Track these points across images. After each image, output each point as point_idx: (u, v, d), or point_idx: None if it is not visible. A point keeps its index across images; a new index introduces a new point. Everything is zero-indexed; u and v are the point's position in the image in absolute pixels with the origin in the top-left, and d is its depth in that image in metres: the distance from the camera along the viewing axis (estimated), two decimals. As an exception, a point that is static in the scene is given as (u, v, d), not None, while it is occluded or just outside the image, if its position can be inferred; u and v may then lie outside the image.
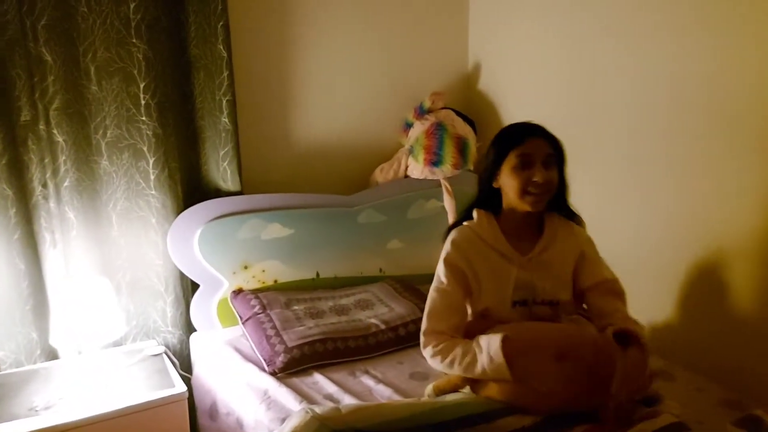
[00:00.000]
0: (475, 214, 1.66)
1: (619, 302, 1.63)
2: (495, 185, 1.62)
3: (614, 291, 1.62)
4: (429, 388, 1.60)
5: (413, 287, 2.36)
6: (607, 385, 1.37)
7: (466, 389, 1.53)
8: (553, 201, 1.63)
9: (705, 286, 1.93)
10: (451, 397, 1.53)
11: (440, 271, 1.62)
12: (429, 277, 1.55)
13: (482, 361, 1.44)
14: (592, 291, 1.63)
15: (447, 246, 1.64)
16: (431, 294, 1.62)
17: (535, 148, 1.56)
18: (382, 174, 2.57)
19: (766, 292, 1.78)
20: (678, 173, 1.97)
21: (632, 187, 2.12)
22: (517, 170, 1.56)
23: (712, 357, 1.92)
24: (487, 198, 1.66)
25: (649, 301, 2.08)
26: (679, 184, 1.97)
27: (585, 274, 1.64)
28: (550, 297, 1.61)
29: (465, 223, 1.67)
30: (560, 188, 1.63)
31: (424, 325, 1.58)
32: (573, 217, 1.69)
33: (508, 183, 1.58)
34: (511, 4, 2.56)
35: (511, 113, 2.63)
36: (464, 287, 1.60)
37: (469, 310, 1.64)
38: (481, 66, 2.77)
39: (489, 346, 1.43)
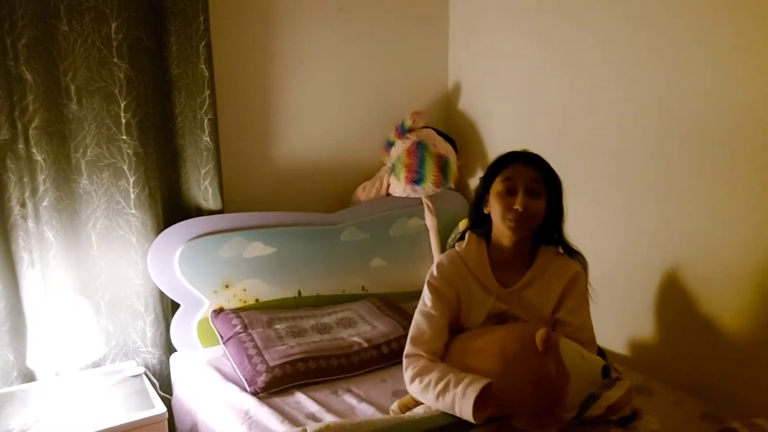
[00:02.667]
0: (466, 237, 1.65)
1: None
2: (485, 210, 1.60)
3: (574, 339, 1.45)
4: (394, 406, 1.59)
5: (396, 305, 2.35)
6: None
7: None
8: (547, 232, 1.59)
9: (683, 302, 1.94)
10: (418, 410, 1.51)
11: (425, 293, 1.61)
12: (412, 295, 1.54)
13: (454, 394, 1.37)
14: (556, 330, 1.54)
15: (433, 269, 1.63)
16: (416, 317, 1.59)
17: (520, 173, 1.52)
18: (364, 192, 2.57)
19: (743, 308, 1.79)
20: (662, 193, 1.96)
21: (617, 207, 2.11)
22: (501, 196, 1.53)
23: (690, 372, 1.92)
24: (480, 222, 1.63)
25: (629, 318, 2.09)
26: (662, 203, 1.97)
27: (557, 311, 1.57)
28: None
29: (456, 246, 1.66)
30: (553, 218, 1.57)
31: (406, 349, 1.56)
32: (573, 254, 1.62)
33: (492, 208, 1.56)
34: (490, 25, 2.58)
35: (492, 133, 2.64)
36: (449, 309, 1.58)
37: None
38: (461, 85, 2.79)
39: (464, 392, 1.35)
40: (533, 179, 1.51)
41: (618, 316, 1.81)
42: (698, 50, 1.82)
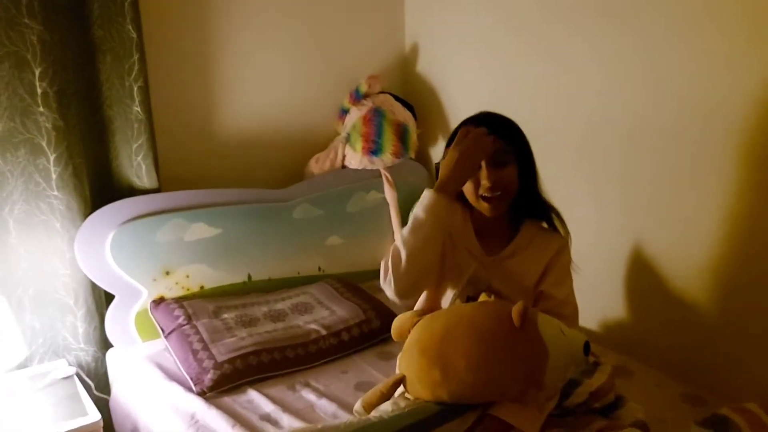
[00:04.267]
0: None
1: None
2: None
3: (557, 313, 1.40)
4: (358, 405, 1.46)
5: (356, 286, 2.23)
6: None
7: (397, 395, 1.38)
8: (527, 196, 1.49)
9: (654, 278, 1.90)
10: (385, 407, 1.38)
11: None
12: (372, 274, 1.44)
13: (416, 211, 1.38)
14: (538, 303, 1.49)
15: None
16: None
17: None
18: (317, 165, 2.45)
19: (712, 282, 1.76)
20: (636, 166, 1.90)
21: (586, 182, 2.04)
22: None
23: (666, 349, 1.89)
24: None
25: (602, 296, 2.03)
26: (631, 178, 1.91)
27: (540, 284, 1.50)
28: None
29: None
30: (528, 183, 1.47)
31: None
32: (554, 225, 1.54)
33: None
34: None
35: (453, 97, 2.52)
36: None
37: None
38: (418, 47, 2.65)
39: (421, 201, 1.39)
40: (497, 150, 1.40)
41: (591, 294, 1.76)
42: (672, 35, 1.74)
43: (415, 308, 1.57)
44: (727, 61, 1.62)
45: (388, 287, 1.40)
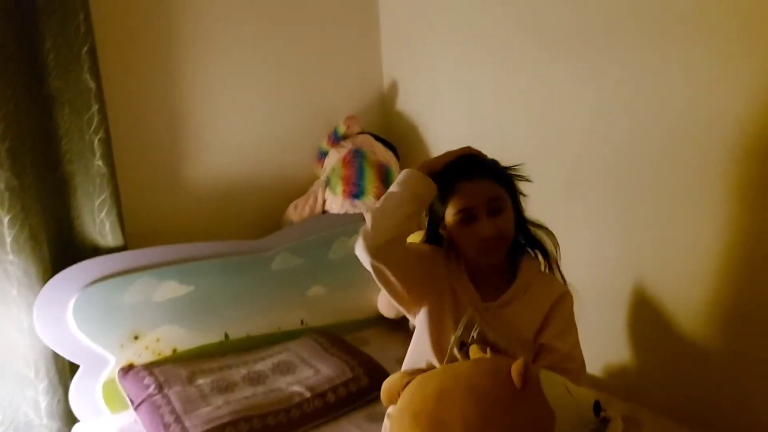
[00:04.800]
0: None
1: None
2: (443, 232, 1.39)
3: (561, 368, 1.30)
4: None
5: (342, 340, 2.09)
6: None
7: None
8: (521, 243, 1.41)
9: (655, 316, 1.79)
10: None
11: None
12: (358, 324, 1.32)
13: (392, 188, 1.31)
14: (540, 358, 1.36)
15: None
16: None
17: (474, 195, 1.31)
18: (296, 211, 2.34)
19: (721, 319, 1.66)
20: (624, 201, 1.81)
21: (577, 217, 1.93)
22: (459, 227, 1.32)
23: (676, 395, 1.77)
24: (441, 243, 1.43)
25: (601, 337, 1.90)
26: (626, 212, 1.82)
27: (541, 336, 1.37)
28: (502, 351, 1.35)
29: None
30: (519, 220, 1.40)
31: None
32: (551, 265, 1.45)
33: (456, 237, 1.35)
34: (425, 16, 2.37)
35: (436, 134, 2.43)
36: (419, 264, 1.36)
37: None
38: (397, 84, 2.57)
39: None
40: (491, 198, 1.32)
41: (591, 336, 1.66)
42: (656, 54, 1.67)
43: (404, 366, 1.45)
44: (719, 78, 1.54)
45: (359, 248, 1.30)
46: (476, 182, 1.32)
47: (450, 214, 1.33)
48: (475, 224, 1.30)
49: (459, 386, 1.20)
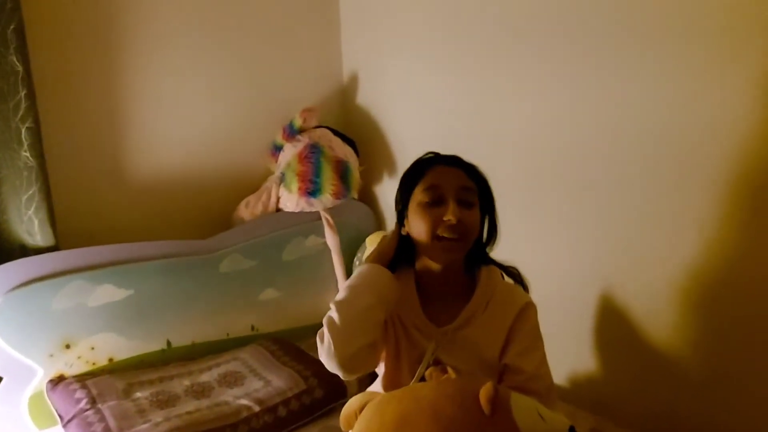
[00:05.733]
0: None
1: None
2: (403, 231, 1.30)
3: (527, 389, 1.23)
4: None
5: (295, 348, 2.00)
6: None
7: None
8: (477, 254, 1.31)
9: (626, 327, 1.74)
10: None
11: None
12: (313, 330, 1.22)
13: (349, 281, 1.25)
14: (504, 379, 1.28)
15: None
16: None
17: (447, 178, 1.25)
18: (248, 209, 2.25)
19: (694, 333, 1.62)
20: (605, 204, 1.75)
21: (547, 222, 1.88)
22: (425, 207, 1.23)
23: (645, 408, 1.72)
24: (402, 248, 1.33)
25: (570, 348, 1.85)
26: (604, 216, 1.76)
27: (504, 355, 1.28)
28: None
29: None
30: (485, 237, 1.32)
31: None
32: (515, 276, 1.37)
33: (415, 225, 1.25)
34: (387, 7, 2.29)
35: (398, 130, 2.36)
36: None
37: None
38: (358, 77, 2.49)
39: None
40: (464, 186, 1.25)
41: (558, 345, 1.60)
42: (648, 60, 1.60)
43: (369, 389, 1.34)
44: (708, 83, 1.49)
45: (327, 358, 1.19)
46: (452, 169, 1.27)
47: (418, 191, 1.25)
48: (441, 208, 1.22)
49: (421, 412, 1.10)
